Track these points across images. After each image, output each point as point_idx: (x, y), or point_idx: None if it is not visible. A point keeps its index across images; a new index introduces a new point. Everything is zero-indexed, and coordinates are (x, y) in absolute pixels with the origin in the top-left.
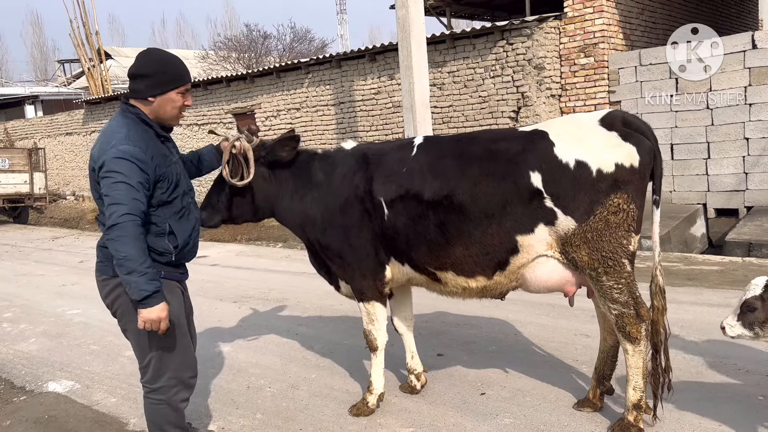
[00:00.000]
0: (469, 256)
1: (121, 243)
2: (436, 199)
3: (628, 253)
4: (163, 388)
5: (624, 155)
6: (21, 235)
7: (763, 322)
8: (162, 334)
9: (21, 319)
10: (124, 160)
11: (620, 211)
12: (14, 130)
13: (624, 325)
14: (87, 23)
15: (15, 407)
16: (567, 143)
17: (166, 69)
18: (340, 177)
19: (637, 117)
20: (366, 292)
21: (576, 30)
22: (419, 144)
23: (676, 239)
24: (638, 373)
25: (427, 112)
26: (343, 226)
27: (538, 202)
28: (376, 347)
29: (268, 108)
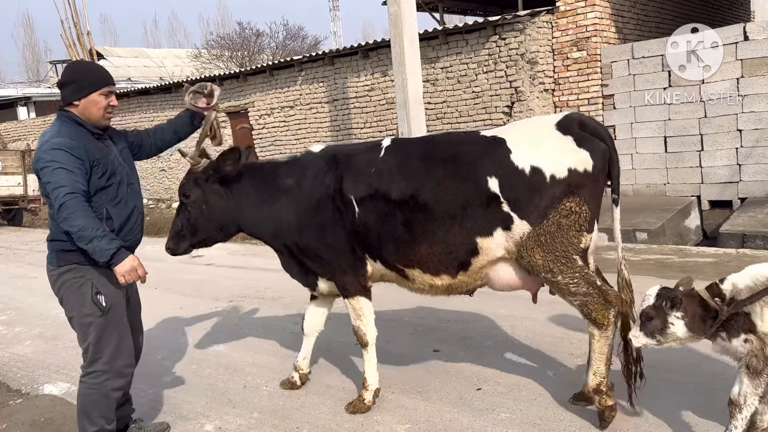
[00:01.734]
0: (434, 254)
1: (72, 219)
2: (403, 199)
3: (580, 251)
4: (96, 373)
5: (578, 160)
6: (15, 237)
7: (662, 329)
8: (143, 280)
9: (16, 322)
10: (57, 150)
11: (572, 214)
12: (7, 132)
13: (590, 312)
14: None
15: (11, 410)
16: (523, 149)
17: (85, 75)
18: (311, 178)
19: (593, 119)
20: (349, 287)
21: (568, 24)
22: (387, 146)
23: (671, 231)
24: (601, 359)
25: (421, 108)
26: (318, 225)
27: (496, 207)
28: (366, 342)
29: (261, 106)
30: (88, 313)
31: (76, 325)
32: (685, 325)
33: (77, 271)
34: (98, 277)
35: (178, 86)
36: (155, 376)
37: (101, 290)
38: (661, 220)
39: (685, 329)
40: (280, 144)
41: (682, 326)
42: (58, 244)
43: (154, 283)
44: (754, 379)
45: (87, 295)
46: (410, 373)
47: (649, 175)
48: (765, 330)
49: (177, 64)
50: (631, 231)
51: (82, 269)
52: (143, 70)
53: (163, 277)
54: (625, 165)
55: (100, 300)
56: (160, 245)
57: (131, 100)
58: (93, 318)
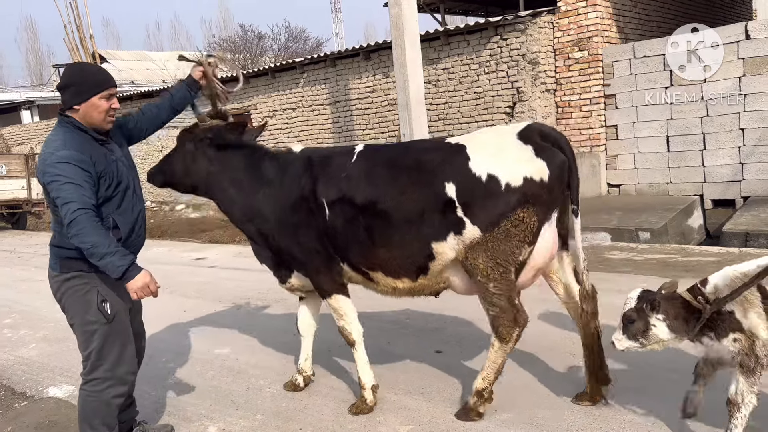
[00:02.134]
0: (393, 258)
1: (83, 235)
2: (366, 204)
3: (517, 262)
4: (97, 380)
5: (534, 170)
6: (20, 240)
7: (644, 331)
8: (155, 296)
9: (21, 325)
10: (65, 164)
11: (521, 224)
12: (11, 136)
13: (498, 326)
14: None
15: (16, 413)
16: (481, 157)
17: (85, 78)
18: (290, 178)
19: (555, 130)
20: (324, 287)
21: (569, 24)
22: (359, 152)
23: (673, 231)
24: (493, 368)
25: (423, 109)
26: (293, 224)
27: (451, 212)
28: (353, 341)
29: (264, 108)
30: (92, 321)
31: (78, 331)
32: (667, 327)
33: (82, 278)
34: (103, 284)
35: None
36: (159, 378)
37: (107, 298)
38: (663, 219)
39: (667, 331)
40: (282, 146)
41: (664, 328)
42: (62, 251)
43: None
44: (749, 378)
45: (92, 302)
46: (413, 374)
47: (652, 174)
48: (750, 328)
49: (179, 67)
50: (634, 230)
51: (87, 276)
52: (146, 73)
53: (167, 280)
54: (627, 164)
55: (105, 308)
56: (165, 247)
57: (134, 103)
58: (97, 325)
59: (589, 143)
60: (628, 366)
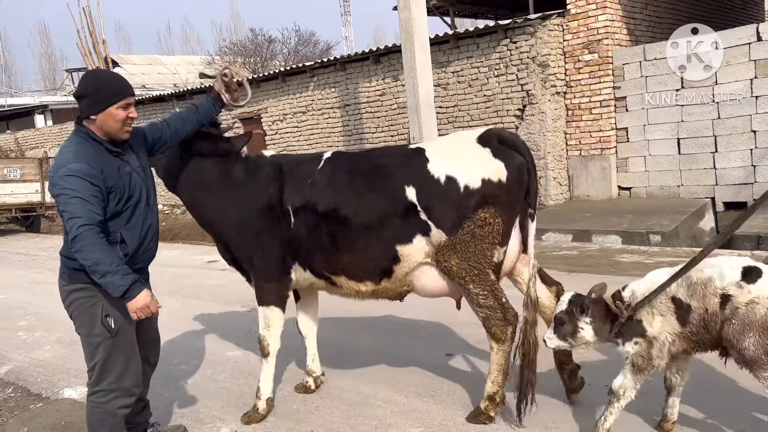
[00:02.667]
0: (356, 263)
1: (86, 251)
2: (327, 211)
3: (492, 264)
4: (103, 392)
5: (492, 171)
6: (34, 243)
7: (573, 333)
8: (155, 315)
9: (36, 327)
10: (74, 177)
11: (486, 225)
12: (25, 140)
13: (490, 326)
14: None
15: (32, 414)
16: (440, 160)
17: (102, 87)
18: (258, 184)
19: (513, 134)
20: (266, 295)
21: (579, 27)
22: (326, 158)
23: (684, 234)
24: (499, 370)
25: (432, 112)
26: (258, 230)
27: (414, 215)
28: (268, 353)
29: (274, 112)
30: (97, 334)
31: (84, 342)
32: (592, 330)
33: (89, 290)
34: (109, 298)
35: (192, 93)
36: (172, 380)
37: (110, 313)
38: (674, 222)
39: (592, 333)
40: (293, 149)
41: (590, 330)
42: (70, 262)
43: (171, 288)
44: (635, 375)
45: (97, 316)
46: (423, 376)
47: (663, 177)
48: (653, 335)
49: (190, 71)
50: (645, 233)
51: (94, 289)
52: (157, 77)
53: (180, 283)
54: (638, 167)
55: (109, 322)
56: (177, 251)
57: (146, 107)
58: (101, 338)
59: (599, 146)
60: None
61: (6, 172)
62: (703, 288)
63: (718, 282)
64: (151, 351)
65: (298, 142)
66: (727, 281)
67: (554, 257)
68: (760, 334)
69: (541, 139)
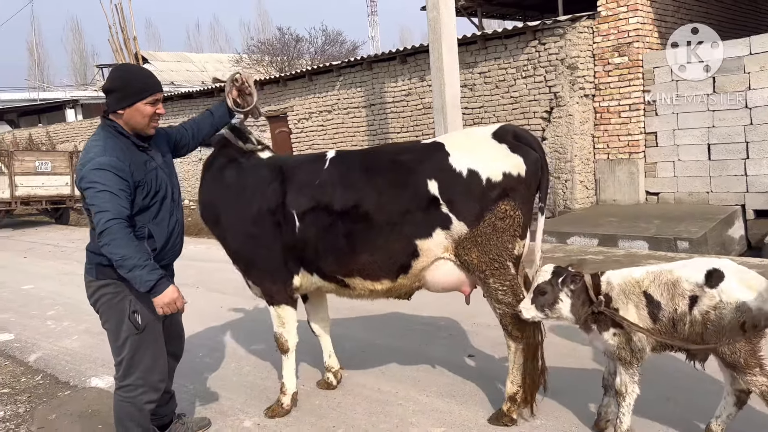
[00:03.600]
0: (374, 261)
1: (114, 246)
2: (345, 210)
3: (513, 257)
4: (130, 386)
5: (511, 165)
6: (62, 235)
7: (552, 304)
8: (180, 311)
9: (64, 317)
10: (103, 171)
11: (507, 217)
12: (56, 134)
13: (507, 324)
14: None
15: (60, 401)
16: (461, 154)
17: (131, 82)
18: (253, 186)
19: (526, 131)
20: (275, 296)
21: (610, 29)
22: (332, 158)
23: (713, 241)
24: (518, 369)
25: (458, 113)
26: (254, 235)
27: (435, 208)
28: (287, 349)
29: (300, 111)
30: (124, 329)
31: (111, 337)
32: (570, 305)
33: (116, 286)
34: (136, 294)
35: (220, 90)
36: (196, 372)
37: (138, 309)
38: (703, 229)
39: (569, 309)
40: (318, 148)
41: (568, 305)
42: (97, 258)
43: (197, 282)
44: (628, 369)
45: (124, 312)
46: (445, 377)
47: (692, 183)
48: (628, 326)
49: (218, 69)
50: (672, 239)
51: (121, 285)
52: (186, 74)
53: (205, 277)
54: (667, 172)
55: (136, 318)
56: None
57: (175, 104)
58: (128, 334)
59: (627, 150)
60: (656, 376)
61: (37, 164)
62: (672, 288)
63: (686, 284)
64: (176, 345)
65: (323, 140)
66: (693, 283)
67: (588, 263)
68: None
69: (568, 141)
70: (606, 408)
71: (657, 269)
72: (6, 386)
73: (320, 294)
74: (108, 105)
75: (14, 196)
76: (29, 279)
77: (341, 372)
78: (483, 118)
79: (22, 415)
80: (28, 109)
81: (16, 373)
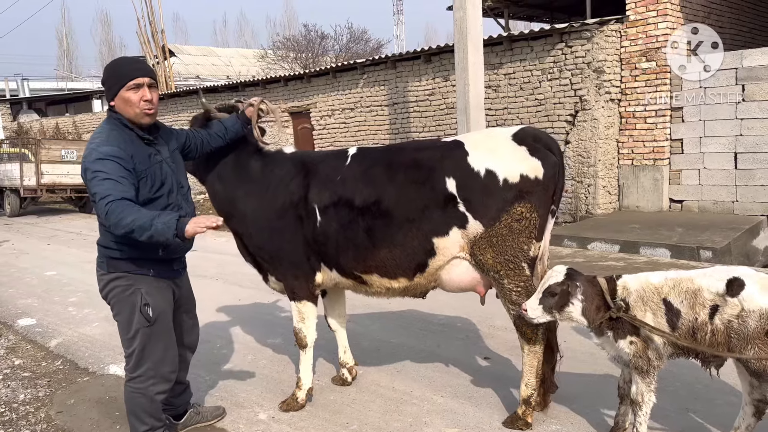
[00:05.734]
0: (393, 258)
1: (122, 219)
2: (365, 206)
3: (528, 258)
4: (141, 377)
5: (529, 168)
6: (86, 223)
7: (561, 307)
8: (217, 227)
9: (85, 304)
10: (105, 160)
11: (523, 219)
12: (82, 124)
13: (521, 326)
14: (153, 21)
15: (78, 387)
16: (480, 153)
17: (114, 72)
18: (278, 180)
19: (546, 134)
20: (297, 291)
21: (638, 33)
22: (353, 154)
23: (737, 251)
24: (531, 372)
25: (482, 114)
26: (278, 229)
27: (452, 207)
28: (305, 345)
29: (323, 107)
30: (135, 322)
31: (122, 329)
32: (581, 309)
33: (127, 279)
34: (147, 287)
35: (244, 85)
36: (213, 363)
37: (149, 301)
38: (727, 238)
39: (580, 312)
40: (339, 145)
41: (579, 308)
42: (107, 251)
43: (216, 275)
44: (644, 378)
45: (136, 305)
46: (460, 378)
47: (717, 191)
48: (647, 334)
49: (243, 64)
50: (695, 248)
51: (132, 278)
52: (211, 68)
53: (223, 269)
54: (691, 180)
55: (147, 311)
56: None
57: None
58: (139, 326)
59: (652, 156)
60: (676, 386)
61: (63, 153)
62: (693, 297)
63: (707, 294)
64: (191, 337)
65: (345, 138)
66: (714, 293)
67: (599, 267)
68: (759, 345)
69: (592, 146)
70: (622, 417)
71: (676, 276)
72: (27, 370)
73: (338, 290)
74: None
75: (40, 184)
76: (52, 265)
77: (356, 369)
78: (506, 119)
79: (42, 399)
80: (56, 99)
81: (37, 358)
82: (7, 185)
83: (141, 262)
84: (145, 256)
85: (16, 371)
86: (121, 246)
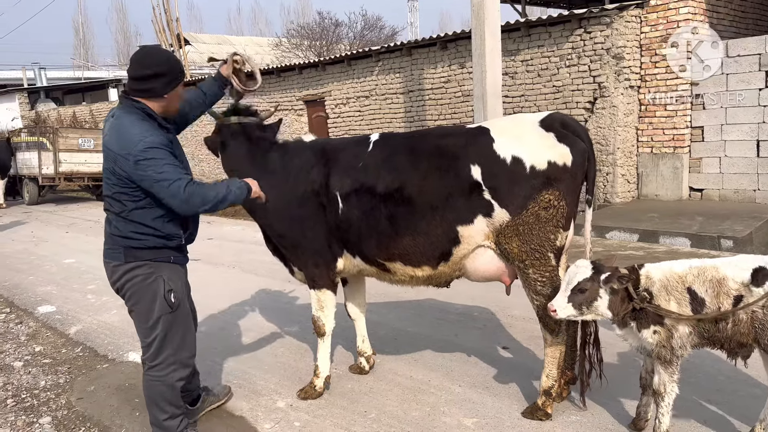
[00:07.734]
0: (416, 246)
1: (205, 196)
2: (388, 192)
3: (555, 248)
4: (161, 365)
5: (557, 155)
6: (103, 212)
7: (590, 302)
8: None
9: (104, 292)
10: (156, 149)
11: (551, 207)
12: (99, 112)
13: (544, 317)
14: (168, 10)
15: (98, 374)
16: (506, 140)
17: (175, 66)
18: (298, 169)
19: (575, 120)
20: (318, 280)
21: (659, 19)
22: (375, 141)
23: (759, 240)
24: (553, 363)
25: (499, 101)
26: (299, 217)
27: (477, 194)
28: (323, 333)
29: (338, 95)
30: (156, 309)
31: (140, 318)
32: (608, 302)
33: (148, 267)
34: (169, 273)
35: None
36: (230, 351)
37: (172, 287)
38: (749, 228)
39: (606, 306)
40: (354, 133)
41: (606, 302)
42: (126, 241)
43: (233, 263)
44: (667, 368)
45: (159, 292)
46: (478, 368)
47: (738, 180)
48: (671, 324)
49: (258, 52)
50: (716, 237)
51: (153, 265)
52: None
53: (240, 257)
54: (712, 168)
55: (171, 297)
56: (239, 226)
57: None
58: (161, 313)
59: (672, 144)
60: (698, 377)
61: (80, 141)
62: (717, 286)
63: (731, 283)
64: (195, 321)
65: (359, 126)
66: (739, 282)
67: (619, 257)
68: None
69: (611, 133)
70: (645, 408)
71: (701, 264)
72: (47, 357)
73: (360, 278)
74: (149, 90)
75: (58, 172)
76: (71, 253)
77: (374, 357)
78: (524, 107)
79: (62, 386)
80: (73, 88)
81: (57, 345)
82: (25, 173)
83: (162, 251)
84: (167, 245)
85: (36, 358)
86: (144, 236)
